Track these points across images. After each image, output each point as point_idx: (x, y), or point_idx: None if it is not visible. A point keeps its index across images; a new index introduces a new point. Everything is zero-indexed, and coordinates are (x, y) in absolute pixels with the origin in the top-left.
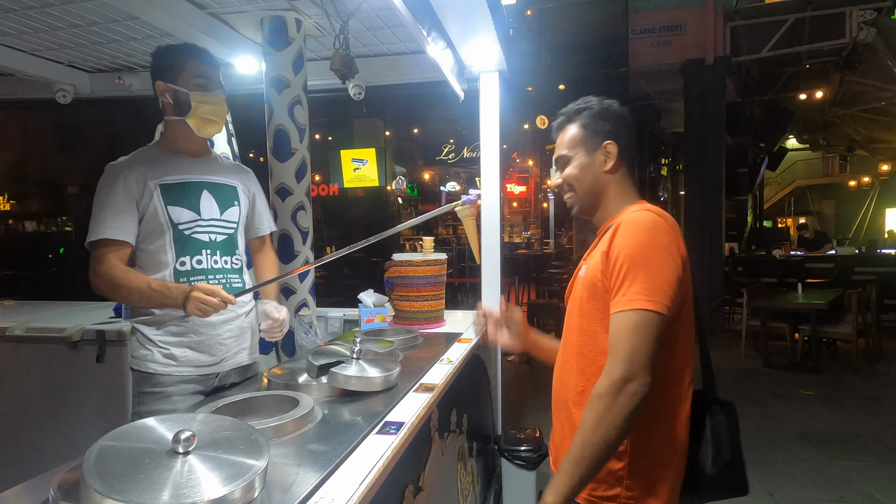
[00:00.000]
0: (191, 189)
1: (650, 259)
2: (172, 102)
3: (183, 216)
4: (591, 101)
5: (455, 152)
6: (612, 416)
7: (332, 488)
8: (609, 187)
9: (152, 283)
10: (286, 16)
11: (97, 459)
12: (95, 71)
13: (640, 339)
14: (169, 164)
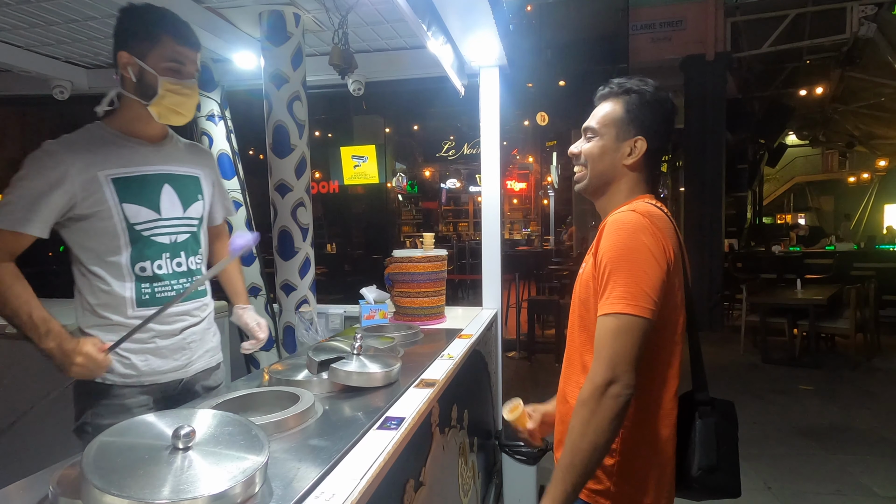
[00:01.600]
0: (150, 183)
1: (632, 262)
2: (136, 81)
3: (140, 215)
4: (647, 85)
5: (455, 149)
6: (598, 421)
7: (333, 483)
8: (622, 180)
9: (35, 312)
10: (285, 10)
11: (97, 455)
12: (93, 67)
13: (621, 343)
14: (123, 151)
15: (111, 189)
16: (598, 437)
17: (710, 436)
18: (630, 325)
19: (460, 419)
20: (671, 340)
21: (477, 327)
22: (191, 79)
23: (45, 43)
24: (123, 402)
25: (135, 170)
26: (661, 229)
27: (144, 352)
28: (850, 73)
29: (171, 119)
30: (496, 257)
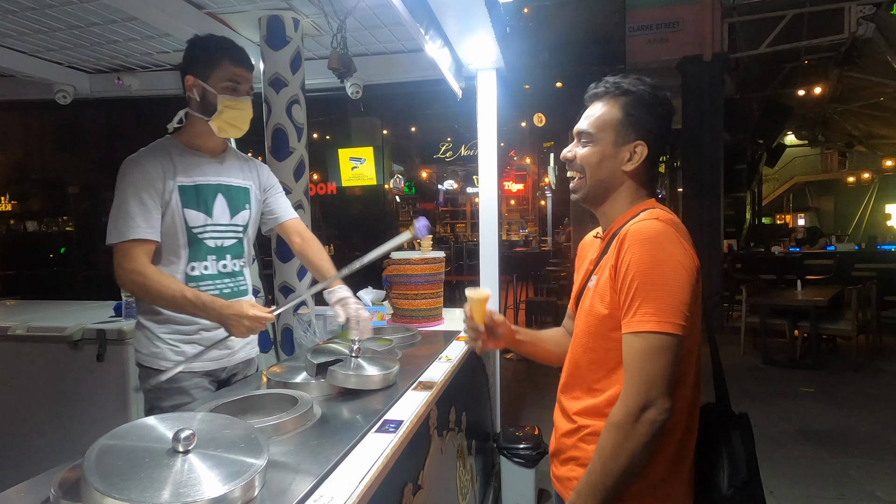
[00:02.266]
0: (206, 192)
1: (663, 276)
2: (199, 100)
3: (197, 220)
4: (645, 84)
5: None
6: (631, 445)
7: (332, 486)
8: (623, 185)
9: (186, 292)
10: (284, 15)
11: (98, 458)
12: (95, 72)
13: (655, 364)
14: (187, 162)
15: (177, 195)
16: (632, 462)
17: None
18: (664, 345)
19: (458, 422)
20: (696, 354)
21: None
22: (246, 96)
23: (48, 48)
24: (180, 385)
25: (196, 179)
26: (685, 236)
27: (193, 342)
28: (849, 73)
29: (229, 132)
30: (494, 259)
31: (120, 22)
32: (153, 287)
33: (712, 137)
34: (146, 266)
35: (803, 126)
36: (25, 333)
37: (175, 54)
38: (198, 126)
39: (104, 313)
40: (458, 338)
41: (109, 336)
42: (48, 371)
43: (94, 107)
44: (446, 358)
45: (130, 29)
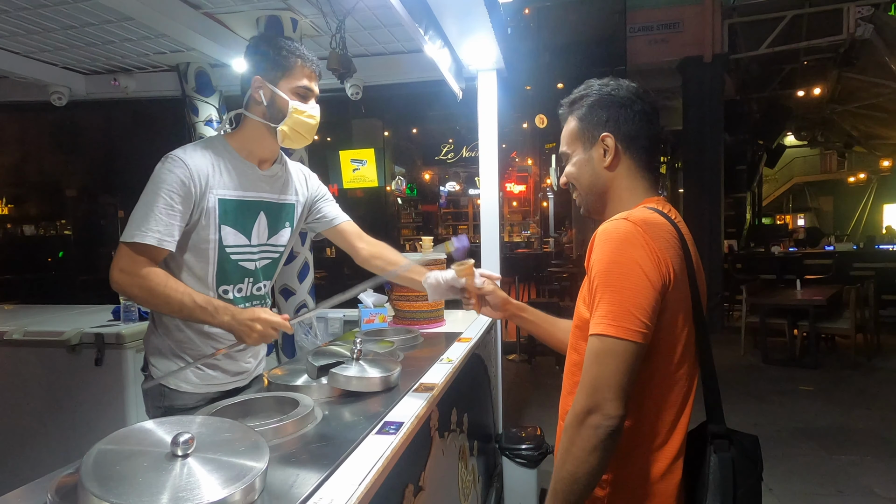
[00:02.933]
0: (248, 210)
1: (618, 277)
2: (265, 104)
3: (233, 240)
4: (591, 87)
5: (454, 152)
6: (576, 450)
7: (332, 489)
8: (612, 184)
9: (196, 296)
10: (282, 15)
11: (95, 463)
12: (90, 73)
13: (603, 367)
14: (235, 172)
15: (216, 208)
16: (576, 467)
17: (727, 474)
18: (614, 349)
19: (460, 423)
20: (667, 366)
21: (476, 331)
22: (315, 105)
23: (42, 49)
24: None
25: (240, 193)
26: (656, 239)
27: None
28: (848, 74)
29: (294, 141)
30: (495, 260)
31: (115, 22)
32: (160, 291)
33: (712, 138)
34: (153, 271)
35: (803, 127)
36: (23, 338)
37: (172, 55)
38: (257, 131)
39: (102, 317)
40: (459, 339)
41: (107, 340)
42: (46, 375)
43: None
44: (447, 359)
45: (126, 29)
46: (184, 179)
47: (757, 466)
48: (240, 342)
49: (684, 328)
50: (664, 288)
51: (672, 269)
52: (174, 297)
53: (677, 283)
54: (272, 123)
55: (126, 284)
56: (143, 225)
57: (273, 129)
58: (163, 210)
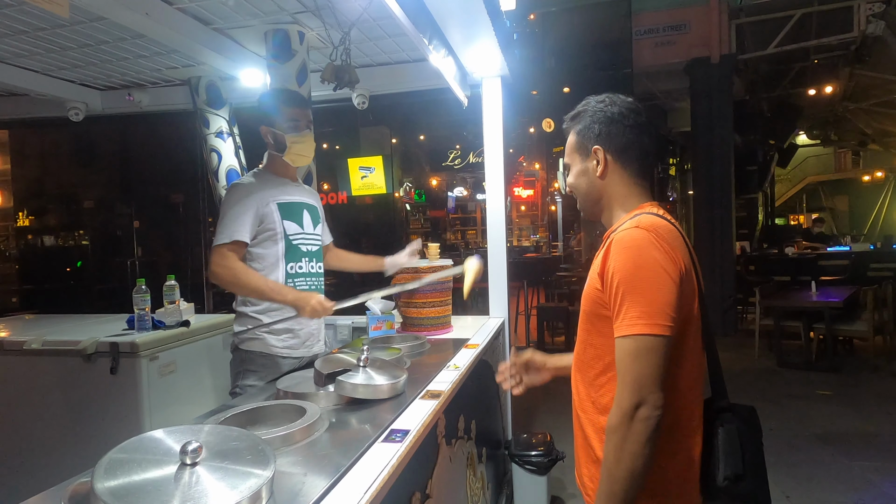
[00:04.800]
0: (298, 208)
1: (644, 280)
2: (273, 142)
3: (293, 229)
4: (588, 104)
5: (461, 157)
6: (631, 446)
7: (339, 497)
8: (605, 192)
9: (269, 282)
10: (289, 29)
11: (107, 471)
12: (106, 88)
13: (643, 364)
14: (279, 186)
15: (276, 210)
16: (633, 462)
17: (734, 443)
18: (651, 346)
19: (468, 430)
20: (686, 351)
21: (484, 336)
22: (306, 130)
23: (60, 67)
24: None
25: (289, 198)
26: (668, 241)
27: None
28: (860, 71)
29: (299, 161)
30: (502, 265)
31: (129, 39)
32: (243, 279)
33: (722, 139)
34: (237, 263)
35: (815, 125)
36: (41, 347)
37: (184, 69)
38: (278, 160)
39: (117, 326)
40: (466, 345)
41: (122, 349)
42: (62, 384)
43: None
44: (455, 366)
45: (139, 46)
46: (249, 194)
47: (757, 433)
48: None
49: (695, 316)
50: (681, 282)
51: (683, 264)
52: (252, 283)
53: (687, 276)
54: (280, 154)
55: (220, 275)
56: (228, 228)
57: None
58: (243, 216)
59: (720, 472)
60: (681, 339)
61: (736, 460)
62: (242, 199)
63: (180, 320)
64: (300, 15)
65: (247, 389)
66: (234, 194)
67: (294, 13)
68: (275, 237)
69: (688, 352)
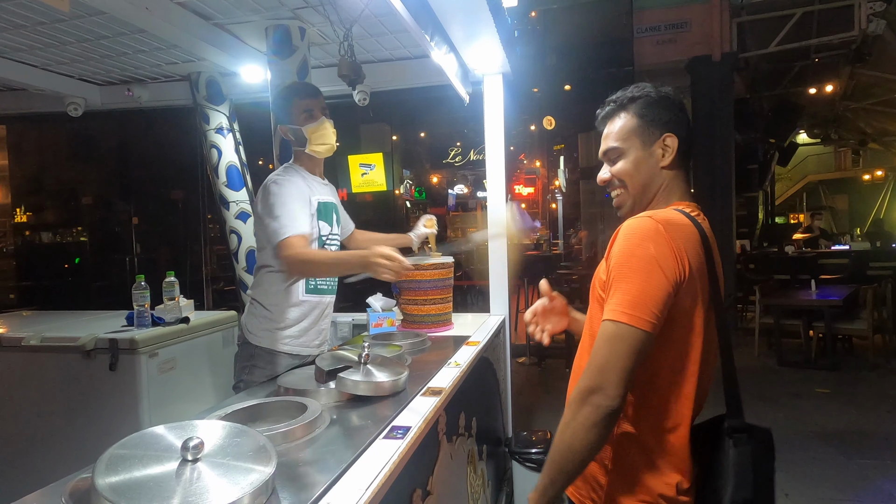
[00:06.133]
0: (329, 209)
1: (635, 271)
2: (294, 138)
3: (326, 230)
4: (647, 87)
5: (462, 155)
6: (575, 424)
7: (340, 493)
8: (664, 185)
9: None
10: (290, 25)
11: (107, 467)
12: (105, 84)
13: (612, 351)
14: (313, 183)
15: (316, 209)
16: (573, 440)
17: (746, 466)
18: (625, 335)
19: (468, 427)
20: (679, 363)
21: (484, 334)
22: (321, 118)
23: (59, 62)
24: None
25: (323, 198)
26: (676, 238)
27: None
28: (861, 70)
29: (322, 151)
30: (503, 263)
31: (129, 34)
32: (320, 258)
33: (723, 138)
34: (306, 247)
35: (815, 124)
36: (40, 344)
37: (184, 65)
38: (303, 155)
39: (116, 323)
40: (467, 342)
41: (122, 345)
42: (62, 380)
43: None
44: (455, 363)
45: (139, 41)
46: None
47: (770, 457)
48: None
49: (699, 323)
50: (678, 283)
51: (688, 266)
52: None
53: (692, 279)
54: (304, 148)
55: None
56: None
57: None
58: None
59: (727, 496)
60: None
61: (747, 484)
62: (299, 194)
63: (180, 317)
64: (301, 11)
65: (252, 385)
66: (287, 189)
67: (295, 9)
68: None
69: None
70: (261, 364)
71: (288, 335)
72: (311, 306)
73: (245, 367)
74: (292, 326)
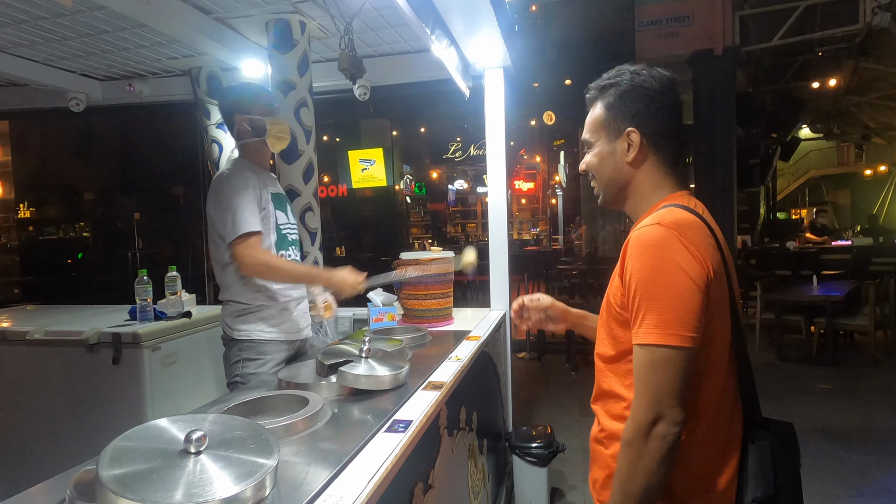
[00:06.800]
0: (283, 198)
1: (663, 286)
2: (250, 129)
3: (282, 219)
4: (623, 74)
5: (462, 150)
6: (646, 462)
7: (342, 486)
8: (634, 180)
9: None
10: (290, 18)
11: (111, 459)
12: (106, 79)
13: (661, 377)
14: (264, 176)
15: (271, 201)
16: (648, 479)
17: (765, 462)
18: (668, 357)
19: (469, 421)
20: (717, 361)
21: (485, 329)
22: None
23: (60, 57)
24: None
25: (276, 189)
26: (693, 240)
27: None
28: (864, 64)
29: (279, 145)
30: (504, 258)
31: (129, 29)
32: (279, 266)
33: (724, 132)
34: (266, 252)
35: (818, 119)
36: (44, 338)
37: (184, 60)
38: (255, 148)
39: (119, 317)
40: (468, 337)
41: (125, 339)
42: (65, 374)
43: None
44: (456, 358)
45: (140, 36)
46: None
47: (793, 452)
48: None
49: (726, 323)
50: (707, 286)
51: (711, 266)
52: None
53: (717, 277)
54: (262, 137)
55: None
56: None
57: (263, 141)
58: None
59: (748, 493)
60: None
61: (767, 480)
62: (245, 189)
63: (182, 311)
64: (301, 4)
65: (249, 378)
66: (233, 184)
67: (295, 2)
68: (269, 228)
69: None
70: (251, 356)
71: (270, 323)
72: (286, 295)
73: (236, 363)
74: (272, 318)
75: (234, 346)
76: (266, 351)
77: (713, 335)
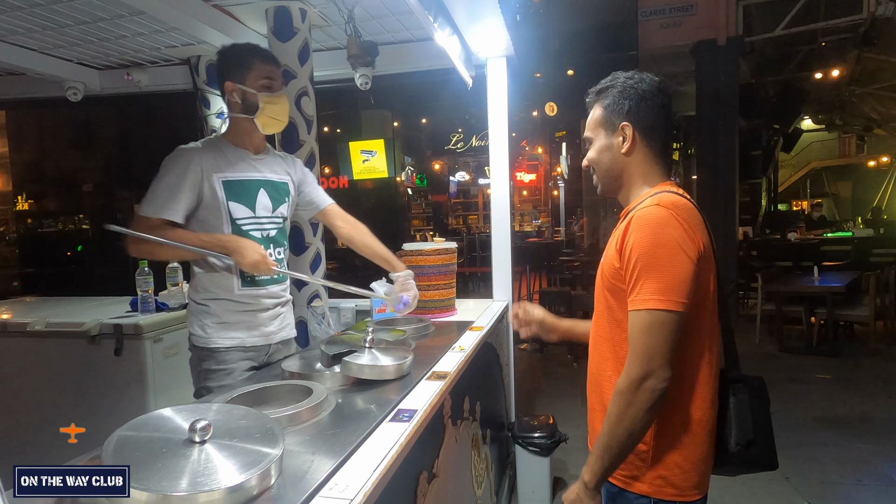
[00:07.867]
0: (249, 187)
1: (661, 258)
2: (240, 102)
3: (241, 213)
4: (617, 78)
5: (464, 141)
6: (633, 411)
7: (347, 475)
8: (628, 169)
9: (201, 235)
10: (291, 6)
11: (115, 449)
12: (104, 68)
13: (654, 338)
14: (233, 158)
15: (221, 189)
16: (633, 425)
17: (745, 412)
18: (663, 320)
19: (472, 411)
20: (704, 326)
21: (488, 319)
22: (280, 91)
23: (57, 45)
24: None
25: (240, 175)
26: (687, 220)
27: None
28: (868, 55)
29: (272, 127)
30: (506, 249)
31: (127, 17)
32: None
33: (727, 123)
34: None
35: (820, 110)
36: (45, 329)
37: (183, 48)
38: (242, 125)
39: (120, 308)
40: (471, 328)
41: (126, 331)
42: (67, 365)
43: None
44: (459, 348)
45: (138, 23)
46: (187, 165)
47: (766, 403)
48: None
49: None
50: (699, 260)
51: (701, 243)
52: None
53: (706, 253)
54: (250, 116)
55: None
56: (154, 202)
57: (252, 121)
58: (171, 190)
59: (732, 438)
60: (696, 314)
61: (747, 427)
62: (181, 170)
63: (183, 302)
64: None
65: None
66: (172, 162)
67: None
68: (220, 222)
69: (702, 327)
70: (212, 365)
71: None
72: (251, 299)
73: (200, 374)
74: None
75: (195, 354)
76: (227, 360)
77: (701, 301)
